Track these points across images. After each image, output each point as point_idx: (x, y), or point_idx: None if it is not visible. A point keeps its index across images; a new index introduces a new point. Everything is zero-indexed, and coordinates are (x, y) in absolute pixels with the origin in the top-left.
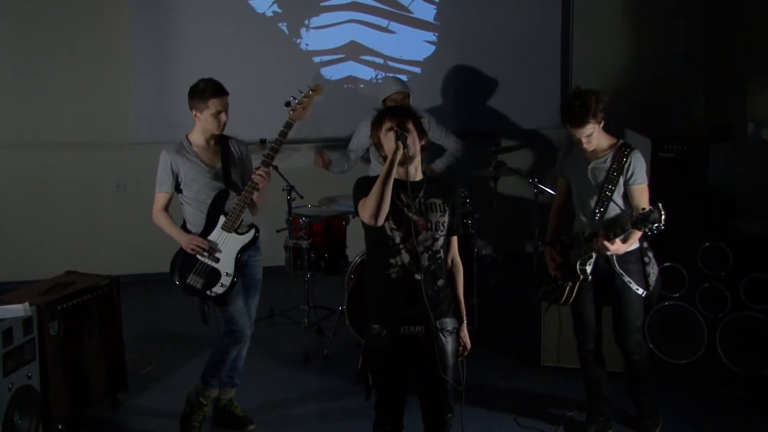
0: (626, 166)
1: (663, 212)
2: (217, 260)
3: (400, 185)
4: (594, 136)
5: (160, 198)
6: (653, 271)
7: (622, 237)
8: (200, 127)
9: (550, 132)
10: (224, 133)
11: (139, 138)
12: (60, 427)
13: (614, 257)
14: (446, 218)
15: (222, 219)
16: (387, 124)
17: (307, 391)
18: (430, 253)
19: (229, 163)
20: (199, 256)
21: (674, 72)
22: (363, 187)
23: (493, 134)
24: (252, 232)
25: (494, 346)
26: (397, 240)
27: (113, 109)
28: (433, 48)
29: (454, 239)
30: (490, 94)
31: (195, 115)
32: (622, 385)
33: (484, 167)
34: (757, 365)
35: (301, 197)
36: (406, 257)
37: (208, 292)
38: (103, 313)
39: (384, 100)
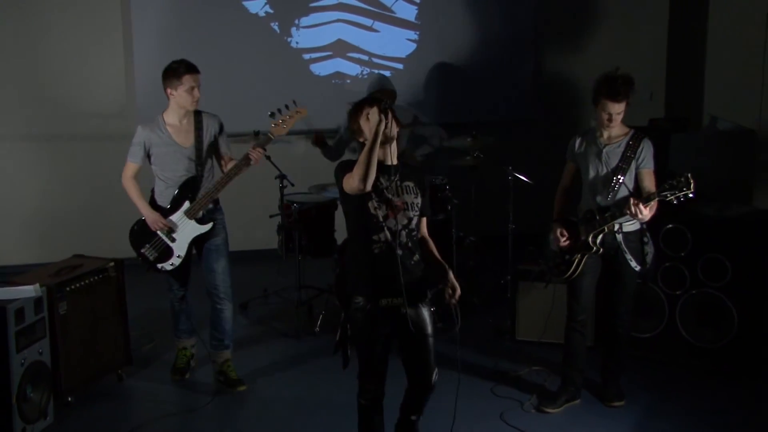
0: (639, 151)
1: (692, 181)
2: (173, 240)
3: (379, 168)
4: (618, 121)
5: (130, 167)
6: (650, 250)
7: (653, 205)
8: (174, 105)
9: (524, 122)
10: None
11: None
12: (69, 399)
13: (621, 236)
14: (419, 200)
15: (187, 204)
16: (366, 110)
17: (298, 364)
18: (407, 231)
19: (201, 142)
20: (159, 232)
21: (638, 68)
22: (345, 166)
23: (470, 125)
24: (210, 224)
25: (472, 322)
26: (380, 218)
27: (117, 103)
28: (414, 46)
29: (424, 220)
30: (467, 88)
31: (170, 94)
32: (590, 358)
33: (462, 156)
34: (713, 338)
35: (293, 185)
36: (387, 234)
37: (158, 265)
38: (108, 294)
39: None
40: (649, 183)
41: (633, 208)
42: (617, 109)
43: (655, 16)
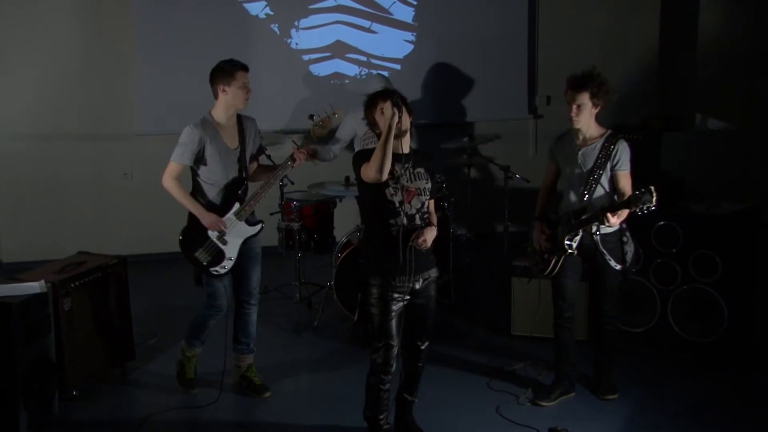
0: (613, 153)
1: (655, 194)
2: (224, 243)
3: (395, 157)
4: (584, 114)
5: (177, 168)
6: (630, 249)
7: (625, 213)
8: (225, 103)
9: (519, 122)
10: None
11: (144, 130)
12: (74, 393)
13: (598, 237)
14: (429, 184)
15: (237, 205)
16: (380, 105)
17: (298, 359)
18: (420, 214)
19: (245, 144)
20: (211, 235)
21: (631, 68)
22: (363, 156)
23: (467, 125)
24: (259, 225)
25: (468, 317)
26: (396, 204)
27: (120, 104)
28: (411, 47)
29: (432, 202)
30: (464, 89)
31: (222, 90)
32: (584, 352)
33: (459, 155)
34: (704, 332)
35: (293, 183)
36: (403, 218)
37: (211, 269)
38: (112, 290)
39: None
40: (624, 185)
41: (603, 219)
42: (578, 99)
43: (647, 18)
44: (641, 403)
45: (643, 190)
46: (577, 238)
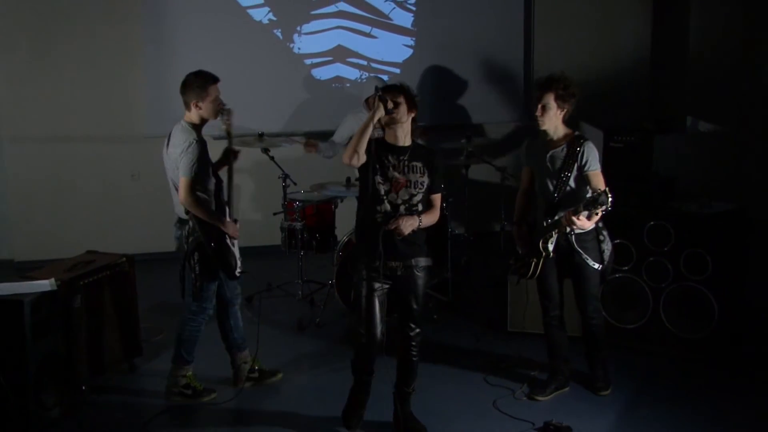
0: (579, 154)
1: (610, 196)
2: (233, 245)
3: (390, 148)
4: (549, 115)
5: (194, 184)
6: (607, 247)
7: (586, 214)
8: (198, 117)
9: (514, 124)
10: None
11: (151, 132)
12: (83, 388)
13: (573, 237)
14: (425, 179)
15: (227, 209)
16: (371, 98)
17: (301, 354)
18: (407, 205)
19: None
20: (228, 241)
21: (624, 73)
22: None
23: (464, 127)
24: (239, 223)
25: (466, 314)
26: (382, 192)
27: (128, 107)
28: (411, 51)
29: (436, 197)
30: (461, 92)
31: (195, 106)
32: (579, 348)
33: (457, 157)
34: (694, 329)
35: (295, 184)
36: (387, 206)
37: (238, 273)
38: (120, 288)
39: (366, 100)
40: (596, 183)
41: (570, 221)
42: (543, 99)
43: (640, 23)
44: (633, 398)
45: (599, 192)
46: (553, 240)
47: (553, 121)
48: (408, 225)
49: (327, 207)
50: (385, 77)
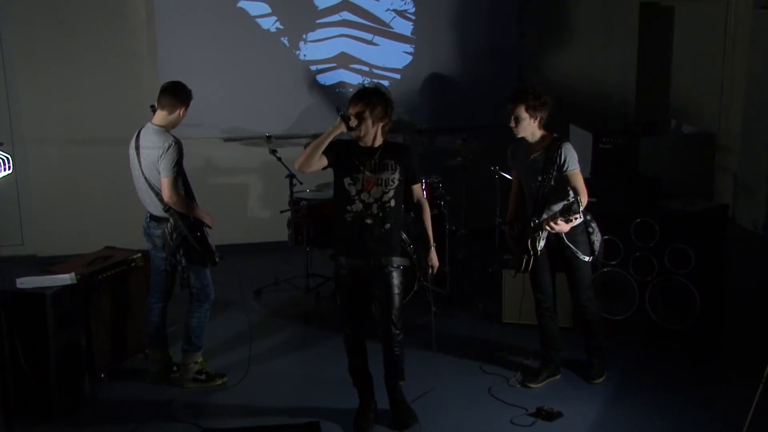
0: (557, 156)
1: (580, 203)
2: (208, 235)
3: (362, 151)
4: (523, 125)
5: (178, 180)
6: (597, 239)
7: (563, 219)
8: (176, 121)
9: (508, 127)
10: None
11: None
12: (102, 375)
13: (562, 233)
14: (396, 176)
15: (195, 201)
16: (349, 108)
17: (305, 344)
18: (379, 203)
19: None
20: (207, 232)
21: (611, 78)
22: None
23: (461, 129)
24: None
25: (463, 306)
26: (353, 192)
27: (142, 112)
28: (410, 58)
29: (416, 187)
30: (458, 96)
31: (181, 113)
32: (569, 338)
33: (454, 157)
34: (679, 320)
35: (301, 183)
36: (359, 206)
37: (216, 258)
38: (136, 282)
39: None
40: (575, 183)
41: (550, 227)
42: (515, 112)
43: (627, 31)
44: (621, 386)
45: (571, 200)
46: (542, 238)
47: (528, 129)
48: (435, 260)
49: (331, 205)
50: (385, 83)
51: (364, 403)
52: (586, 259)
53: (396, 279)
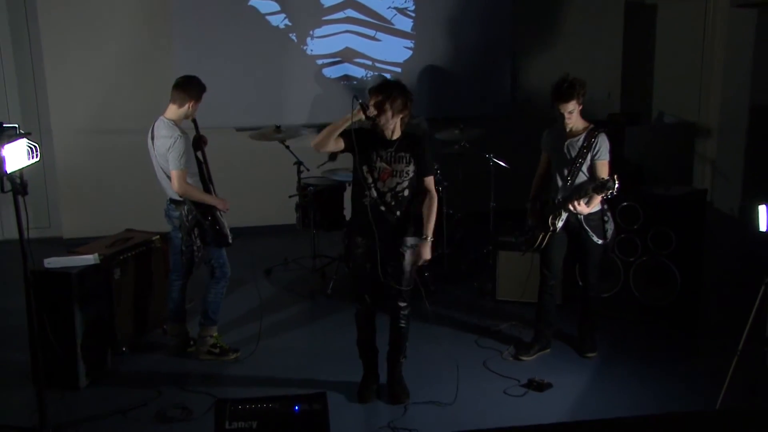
0: (594, 144)
1: (617, 182)
2: (222, 217)
3: (378, 141)
4: (574, 114)
5: (185, 174)
6: (610, 227)
7: (585, 200)
8: (185, 113)
9: (502, 117)
10: (235, 119)
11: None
12: (123, 349)
13: (582, 217)
14: (411, 167)
15: (211, 186)
16: (371, 98)
17: (312, 320)
18: (392, 193)
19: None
20: (220, 215)
21: (598, 71)
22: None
23: (457, 119)
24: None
25: (460, 284)
26: (369, 180)
27: (160, 104)
28: (410, 52)
29: (429, 180)
30: (455, 88)
31: (191, 105)
32: (559, 314)
33: (451, 146)
34: (660, 297)
35: (308, 170)
36: (374, 193)
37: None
38: (154, 262)
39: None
40: (600, 172)
41: (572, 206)
42: (566, 108)
43: (613, 27)
44: (606, 358)
45: (607, 178)
46: (562, 218)
47: (576, 118)
48: (427, 252)
49: (336, 190)
50: (387, 75)
51: (368, 376)
52: (600, 242)
53: (408, 257)
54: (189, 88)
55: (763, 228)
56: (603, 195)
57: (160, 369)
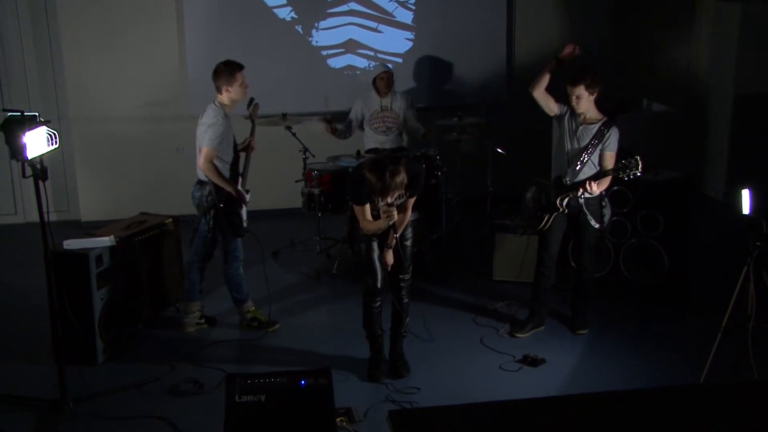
0: (606, 136)
1: (640, 163)
2: (241, 208)
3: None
4: (583, 102)
5: (214, 153)
6: (608, 212)
7: (599, 182)
8: (229, 99)
9: (498, 105)
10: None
11: (192, 113)
12: (139, 326)
13: (582, 200)
14: (407, 193)
15: (240, 179)
16: (387, 202)
17: (318, 299)
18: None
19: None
20: (239, 207)
21: (590, 61)
22: (355, 187)
23: (456, 107)
24: (250, 193)
25: (458, 266)
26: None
27: (173, 93)
28: (411, 44)
29: (411, 199)
30: (453, 77)
31: (226, 90)
32: (552, 294)
33: (450, 132)
34: (648, 277)
35: (313, 156)
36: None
37: (241, 229)
38: (167, 244)
39: (374, 80)
40: (608, 162)
41: (587, 187)
42: (575, 91)
43: (603, 19)
44: (597, 335)
45: (630, 159)
46: (567, 199)
47: (588, 105)
48: (390, 258)
49: (340, 175)
50: (389, 65)
51: (375, 355)
52: (597, 225)
53: (408, 233)
54: (216, 76)
55: (745, 211)
56: (624, 176)
57: (173, 346)
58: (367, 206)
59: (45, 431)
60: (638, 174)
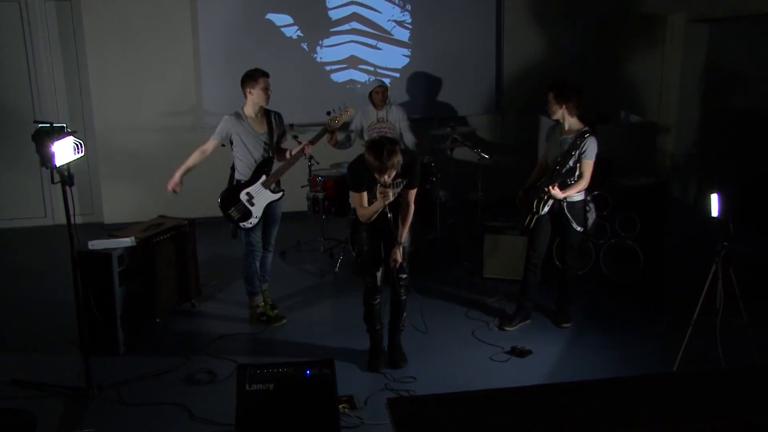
0: (582, 144)
1: (574, 178)
2: (252, 204)
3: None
4: (553, 109)
5: (212, 143)
6: (592, 216)
7: (556, 186)
8: (251, 102)
9: (488, 116)
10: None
11: (207, 124)
12: (157, 320)
13: (565, 204)
14: (404, 181)
15: (263, 177)
16: (381, 182)
17: (322, 296)
18: (391, 204)
19: (272, 131)
20: (242, 198)
21: (572, 75)
22: (355, 175)
23: (449, 118)
24: (281, 193)
25: (451, 264)
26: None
27: (191, 105)
28: (408, 60)
29: (411, 192)
30: (447, 91)
31: (249, 92)
32: (539, 290)
33: (443, 141)
34: (626, 274)
35: (318, 163)
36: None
37: (240, 224)
38: (184, 244)
39: (370, 93)
40: (584, 170)
41: (547, 189)
42: (548, 98)
43: (583, 39)
44: (579, 328)
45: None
46: (548, 204)
47: (558, 113)
48: (399, 256)
49: (343, 181)
50: (387, 80)
51: (375, 347)
52: (579, 229)
53: (407, 249)
54: (242, 81)
55: (714, 214)
56: (569, 183)
57: (189, 338)
58: (365, 194)
59: (72, 416)
60: (579, 189)
